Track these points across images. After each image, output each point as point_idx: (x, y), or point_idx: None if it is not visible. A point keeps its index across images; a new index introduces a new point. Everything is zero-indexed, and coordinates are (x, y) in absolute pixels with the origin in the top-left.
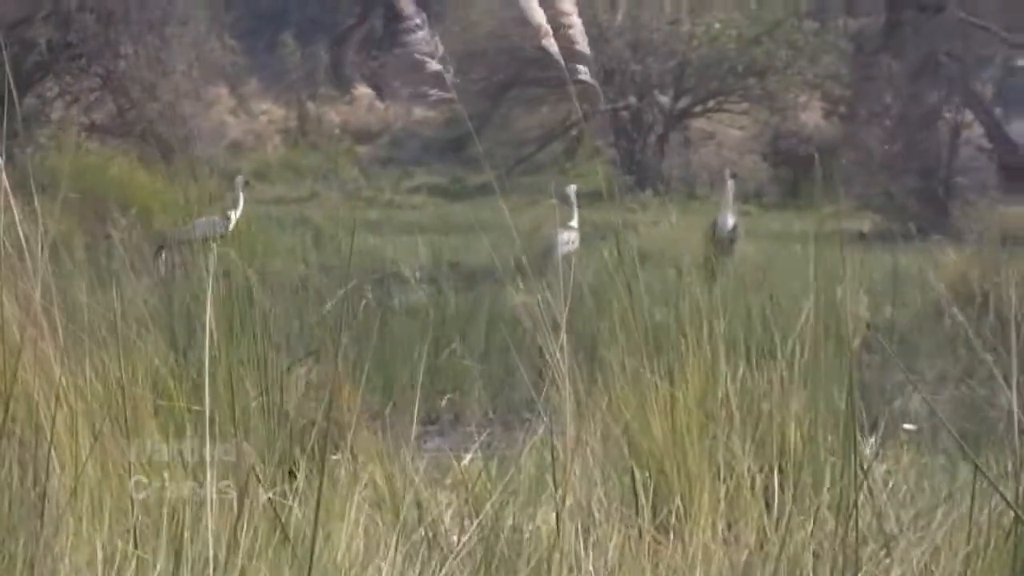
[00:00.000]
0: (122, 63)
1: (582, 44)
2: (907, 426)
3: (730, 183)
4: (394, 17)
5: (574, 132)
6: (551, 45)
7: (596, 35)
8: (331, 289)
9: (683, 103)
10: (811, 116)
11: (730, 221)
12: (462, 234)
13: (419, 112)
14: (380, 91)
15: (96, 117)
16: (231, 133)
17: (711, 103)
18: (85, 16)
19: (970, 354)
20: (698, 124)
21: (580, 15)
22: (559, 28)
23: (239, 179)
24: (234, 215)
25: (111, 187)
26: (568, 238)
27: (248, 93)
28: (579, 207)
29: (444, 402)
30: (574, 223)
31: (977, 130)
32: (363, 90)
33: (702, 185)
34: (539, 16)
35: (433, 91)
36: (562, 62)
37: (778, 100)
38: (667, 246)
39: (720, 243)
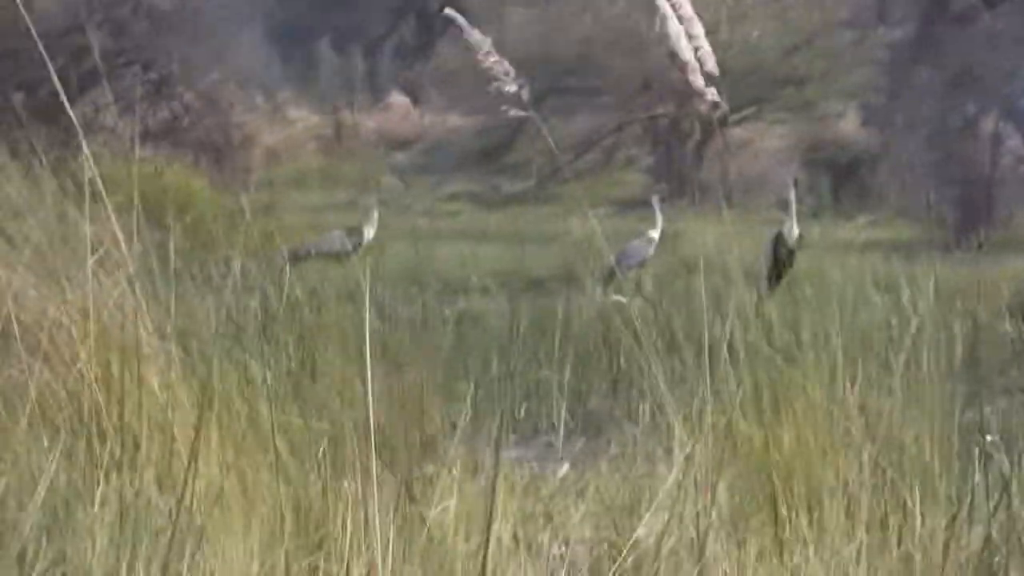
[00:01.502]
0: (175, 69)
1: (711, 65)
2: (989, 438)
3: (793, 191)
4: (427, 27)
5: (610, 140)
6: (697, 80)
7: (635, 44)
8: (393, 299)
9: (721, 112)
10: (848, 125)
11: (796, 230)
12: (503, 242)
13: (453, 120)
14: (415, 99)
15: (149, 124)
16: (267, 140)
17: (749, 112)
18: (138, 22)
19: None
20: (736, 133)
21: (624, 22)
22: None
23: (373, 197)
24: (368, 232)
25: (167, 194)
26: (644, 246)
27: (283, 100)
28: (662, 215)
29: (522, 412)
30: (655, 232)
31: (1015, 140)
32: (398, 98)
33: (739, 193)
34: (688, 53)
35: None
36: (703, 94)
37: (815, 109)
38: (719, 255)
39: (787, 253)
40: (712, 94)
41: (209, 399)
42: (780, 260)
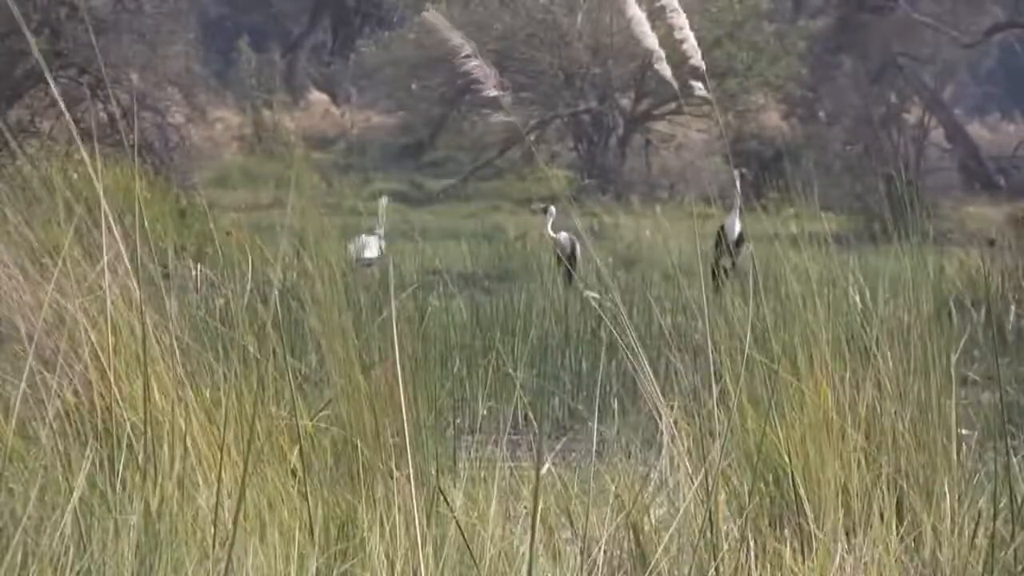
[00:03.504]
0: (111, 72)
1: (696, 58)
2: (964, 431)
3: (738, 186)
4: (345, 26)
5: (532, 137)
6: (664, 69)
7: (556, 38)
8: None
9: (644, 105)
10: (771, 117)
11: (738, 225)
12: (430, 240)
13: (374, 118)
14: (335, 97)
15: (86, 126)
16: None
17: (672, 105)
18: (75, 25)
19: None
20: (659, 127)
21: (545, 17)
22: (674, 43)
23: (383, 200)
24: (381, 233)
25: (105, 197)
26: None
27: (203, 100)
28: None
29: (484, 411)
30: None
31: (939, 131)
32: (317, 96)
33: (662, 188)
34: (652, 41)
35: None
36: (675, 85)
37: (739, 102)
38: (650, 249)
39: (728, 247)
40: (700, 88)
41: (219, 405)
42: (724, 254)
